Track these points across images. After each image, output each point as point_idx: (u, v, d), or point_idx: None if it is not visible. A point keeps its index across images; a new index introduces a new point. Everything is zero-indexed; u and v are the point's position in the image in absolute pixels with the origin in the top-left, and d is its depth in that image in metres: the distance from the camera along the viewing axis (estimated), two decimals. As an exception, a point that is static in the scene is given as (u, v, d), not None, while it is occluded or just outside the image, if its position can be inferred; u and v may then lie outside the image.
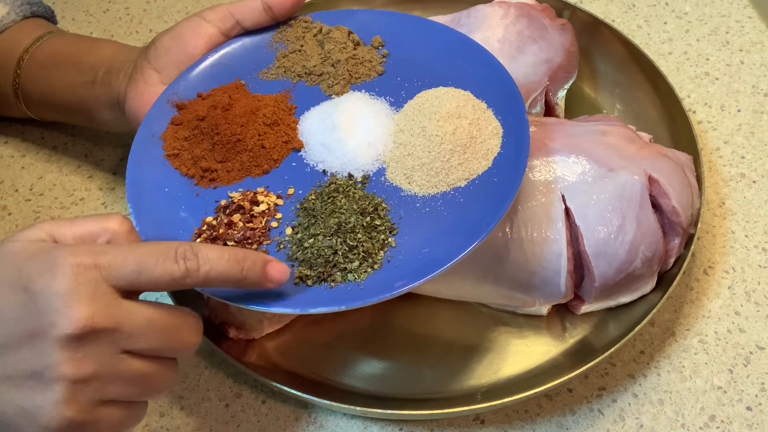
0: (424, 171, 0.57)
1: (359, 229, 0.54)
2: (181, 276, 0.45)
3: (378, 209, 0.56)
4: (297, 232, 0.55)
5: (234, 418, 0.60)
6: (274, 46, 0.66)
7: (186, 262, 0.45)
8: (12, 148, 0.77)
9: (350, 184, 0.57)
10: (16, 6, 0.71)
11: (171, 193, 0.58)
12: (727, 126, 0.77)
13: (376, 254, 0.54)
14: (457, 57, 0.63)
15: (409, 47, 0.65)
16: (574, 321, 0.63)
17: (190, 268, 0.45)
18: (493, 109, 0.60)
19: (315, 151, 0.60)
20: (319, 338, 0.63)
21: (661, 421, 0.60)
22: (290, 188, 0.58)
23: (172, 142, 0.60)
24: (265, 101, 0.62)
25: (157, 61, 0.63)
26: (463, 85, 0.61)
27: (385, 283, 0.52)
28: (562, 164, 0.61)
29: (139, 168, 0.59)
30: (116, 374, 0.44)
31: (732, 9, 0.87)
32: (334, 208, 0.55)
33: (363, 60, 0.64)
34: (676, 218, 0.61)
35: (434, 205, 0.56)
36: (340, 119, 0.60)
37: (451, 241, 0.53)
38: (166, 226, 0.56)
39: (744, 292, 0.66)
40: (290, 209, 0.57)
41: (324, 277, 0.53)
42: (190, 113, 0.61)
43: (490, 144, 0.58)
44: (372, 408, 0.57)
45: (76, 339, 0.42)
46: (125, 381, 0.45)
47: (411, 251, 0.54)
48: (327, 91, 0.63)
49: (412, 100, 0.61)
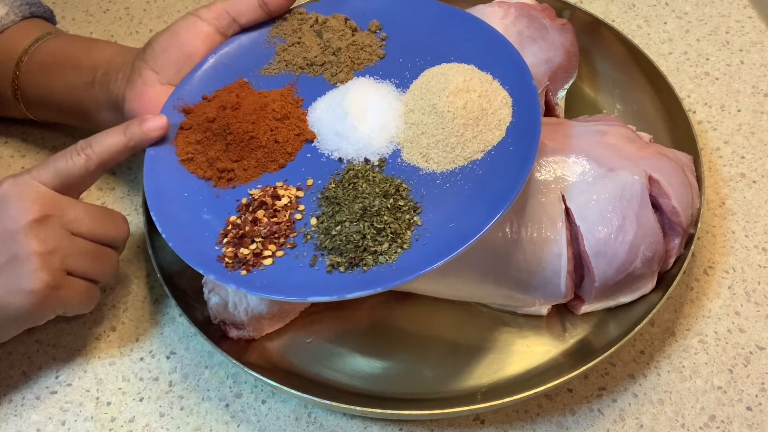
0: (440, 148, 0.58)
1: (384, 211, 0.55)
2: (86, 160, 0.58)
3: (399, 190, 0.56)
4: (322, 221, 0.56)
5: (234, 418, 0.60)
6: (272, 41, 0.66)
7: (83, 151, 0.58)
8: (12, 148, 0.77)
9: (368, 169, 0.58)
10: (15, 6, 0.71)
11: (191, 197, 0.59)
12: (727, 126, 0.77)
13: (403, 234, 0.54)
14: (456, 32, 0.63)
15: (407, 28, 0.65)
16: (574, 321, 0.63)
17: (88, 153, 0.58)
18: (499, 80, 0.60)
19: (329, 140, 0.60)
20: (319, 338, 0.63)
21: (661, 421, 0.60)
22: (309, 179, 0.59)
23: (184, 147, 0.61)
24: (271, 96, 0.62)
25: (155, 62, 0.63)
26: (465, 60, 0.62)
27: (416, 261, 0.52)
28: (562, 164, 0.61)
29: (155, 176, 0.59)
30: (72, 249, 0.57)
31: (732, 9, 0.87)
32: (356, 194, 0.56)
33: (363, 45, 0.64)
34: (676, 218, 0.61)
35: (454, 180, 0.57)
36: (350, 106, 0.60)
37: (476, 214, 0.53)
38: (191, 229, 0.57)
39: (744, 292, 0.66)
40: (311, 200, 0.58)
41: (356, 262, 0.53)
42: (199, 116, 0.61)
43: (501, 114, 0.58)
44: (372, 408, 0.57)
45: (35, 223, 0.55)
46: (80, 256, 0.57)
47: (438, 228, 0.54)
48: (331, 79, 0.64)
49: (417, 80, 0.62)
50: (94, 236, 0.58)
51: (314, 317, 0.63)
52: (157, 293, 0.67)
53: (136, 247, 0.70)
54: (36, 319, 0.58)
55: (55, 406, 0.61)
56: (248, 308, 0.59)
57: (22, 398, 0.62)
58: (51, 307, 0.57)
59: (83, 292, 0.59)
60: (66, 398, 0.62)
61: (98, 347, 0.64)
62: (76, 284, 0.58)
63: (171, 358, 0.64)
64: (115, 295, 0.67)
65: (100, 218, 0.59)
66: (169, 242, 0.56)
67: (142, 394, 0.62)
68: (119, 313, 0.66)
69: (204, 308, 0.61)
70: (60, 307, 0.58)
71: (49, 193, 0.57)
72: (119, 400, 0.61)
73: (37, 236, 0.55)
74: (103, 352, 0.64)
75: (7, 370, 0.63)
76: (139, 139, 0.60)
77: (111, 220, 0.60)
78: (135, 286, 0.68)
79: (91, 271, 0.59)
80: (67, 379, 0.63)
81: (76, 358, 0.64)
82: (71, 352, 0.64)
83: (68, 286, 0.57)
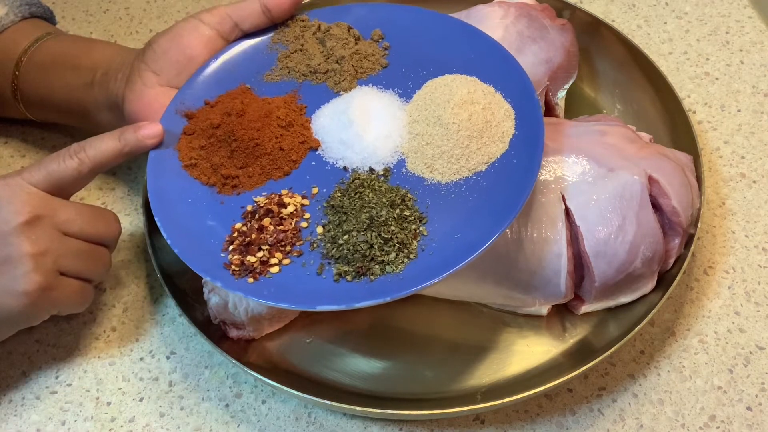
0: (445, 159, 0.58)
1: (391, 221, 0.55)
2: (78, 164, 0.58)
3: (405, 200, 0.57)
4: (329, 230, 0.56)
5: (234, 418, 0.60)
6: (274, 48, 0.66)
7: (77, 155, 0.58)
8: (12, 148, 0.77)
9: (374, 178, 0.58)
10: (15, 7, 0.71)
11: (195, 203, 0.59)
12: (727, 126, 0.77)
13: (410, 244, 0.54)
14: (459, 43, 0.64)
15: (410, 38, 0.65)
16: (574, 321, 0.63)
17: (81, 157, 0.58)
18: (501, 93, 0.60)
19: (333, 149, 0.60)
20: (319, 338, 0.63)
21: (661, 421, 0.60)
22: (314, 187, 0.59)
23: (187, 152, 0.60)
24: (275, 103, 0.62)
25: (155, 63, 0.63)
26: (468, 71, 0.62)
27: (423, 271, 0.53)
28: (561, 164, 0.61)
29: (158, 181, 0.59)
30: (64, 249, 0.57)
31: (732, 9, 0.87)
32: (363, 203, 0.56)
33: (366, 54, 0.64)
34: (676, 218, 0.61)
35: (458, 191, 0.57)
36: (355, 114, 0.60)
37: (482, 225, 0.54)
38: (196, 235, 0.57)
39: (744, 292, 0.66)
40: (317, 208, 0.58)
41: (363, 271, 0.54)
42: (202, 121, 0.61)
43: (505, 126, 0.58)
44: (372, 408, 0.57)
45: (26, 224, 0.56)
46: (73, 256, 0.57)
47: (443, 238, 0.55)
48: (334, 88, 0.64)
49: (420, 90, 0.62)
50: (86, 236, 0.59)
51: (314, 317, 0.63)
52: (157, 293, 0.67)
53: (136, 247, 0.70)
54: (30, 320, 0.58)
55: (55, 406, 0.61)
56: (248, 308, 0.59)
57: (22, 398, 0.62)
58: (44, 307, 0.57)
59: (77, 292, 0.59)
60: (66, 398, 0.62)
61: (98, 347, 0.64)
62: (70, 284, 0.58)
63: (171, 358, 0.64)
64: (115, 295, 0.67)
65: (91, 217, 0.59)
66: (175, 248, 0.55)
67: (142, 394, 0.62)
68: (119, 313, 0.66)
69: (204, 308, 0.61)
70: (54, 307, 0.58)
71: (40, 194, 0.57)
72: (119, 400, 0.61)
73: (29, 238, 0.55)
74: (103, 352, 0.64)
75: (7, 370, 0.63)
76: (133, 146, 0.60)
77: (102, 219, 0.60)
78: (135, 286, 0.68)
79: (84, 271, 0.59)
80: (67, 379, 0.63)
81: (76, 358, 0.64)
82: (71, 352, 0.64)
83: (61, 287, 0.57)
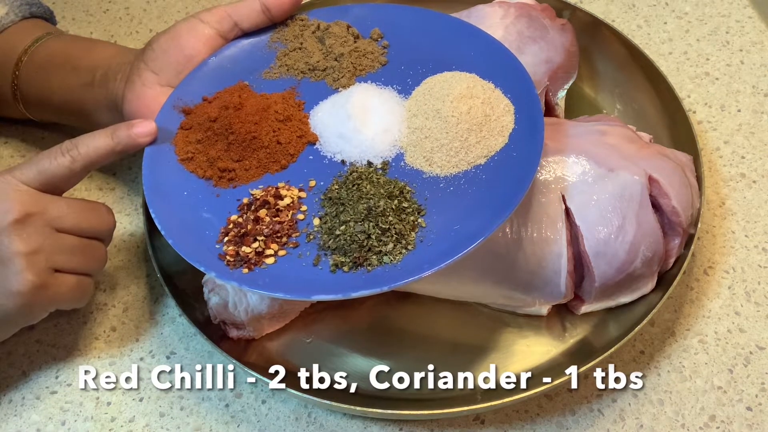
0: (444, 152, 0.58)
1: (389, 212, 0.55)
2: (71, 161, 0.57)
3: (403, 192, 0.57)
4: (326, 221, 0.56)
5: (234, 418, 0.60)
6: (272, 46, 0.66)
7: (69, 152, 0.58)
8: (12, 148, 0.77)
9: (372, 171, 0.58)
10: (15, 6, 0.71)
11: (191, 196, 0.59)
12: (727, 126, 0.77)
13: (408, 235, 0.55)
14: (458, 42, 0.64)
15: (408, 37, 0.66)
16: (574, 321, 0.63)
17: (74, 155, 0.57)
18: (501, 89, 0.60)
19: (331, 143, 0.60)
20: (320, 338, 0.63)
21: (661, 421, 0.60)
22: (311, 180, 0.59)
23: (184, 146, 0.61)
24: (273, 99, 0.63)
25: (155, 63, 0.63)
26: (467, 69, 0.62)
27: (421, 262, 0.53)
28: (561, 164, 0.61)
29: (154, 175, 0.59)
30: (58, 246, 0.56)
31: (732, 9, 0.87)
32: (360, 195, 0.56)
33: (365, 52, 0.65)
34: (676, 218, 0.61)
35: (458, 184, 0.57)
36: (354, 109, 0.61)
37: (481, 217, 0.54)
38: (191, 227, 0.57)
39: (744, 292, 0.66)
40: (314, 201, 0.58)
41: (360, 262, 0.54)
42: (200, 116, 0.62)
43: (504, 121, 0.59)
44: (372, 408, 0.57)
45: (18, 223, 0.55)
46: (67, 252, 0.57)
47: (442, 230, 0.55)
48: (333, 84, 0.64)
49: (419, 87, 0.62)
50: (80, 230, 0.58)
51: (314, 317, 0.63)
52: (157, 293, 0.67)
53: (136, 247, 0.70)
54: (28, 319, 0.58)
55: (55, 406, 0.61)
56: (248, 308, 0.59)
57: (22, 398, 0.62)
58: (41, 305, 0.57)
59: (74, 288, 0.58)
60: (66, 398, 0.62)
61: (98, 347, 0.64)
62: (66, 281, 0.57)
63: (171, 358, 0.64)
64: (115, 295, 0.67)
65: (83, 212, 0.58)
66: (169, 239, 0.55)
67: (142, 394, 0.62)
68: (119, 313, 0.66)
69: (204, 308, 0.61)
70: (51, 304, 0.58)
71: (30, 191, 0.56)
72: (119, 400, 0.61)
73: (20, 236, 0.55)
74: (103, 352, 0.64)
75: (7, 370, 0.63)
76: (126, 144, 0.59)
77: (95, 212, 0.59)
78: (135, 286, 0.68)
79: (80, 266, 0.58)
80: (67, 379, 0.63)
81: (76, 358, 0.64)
82: (71, 352, 0.64)
83: (57, 284, 0.56)
